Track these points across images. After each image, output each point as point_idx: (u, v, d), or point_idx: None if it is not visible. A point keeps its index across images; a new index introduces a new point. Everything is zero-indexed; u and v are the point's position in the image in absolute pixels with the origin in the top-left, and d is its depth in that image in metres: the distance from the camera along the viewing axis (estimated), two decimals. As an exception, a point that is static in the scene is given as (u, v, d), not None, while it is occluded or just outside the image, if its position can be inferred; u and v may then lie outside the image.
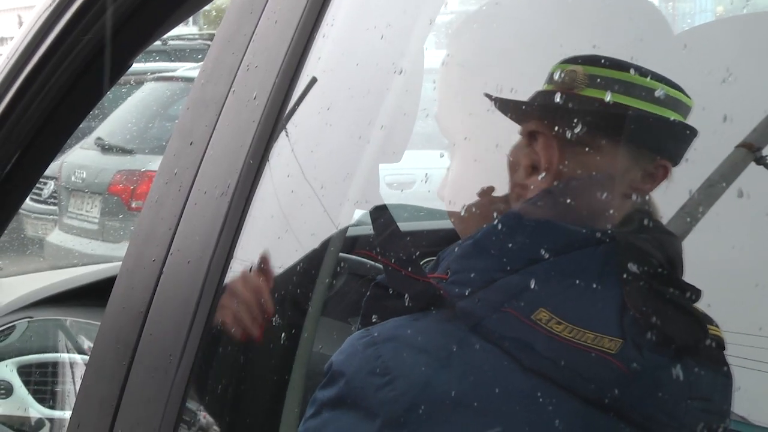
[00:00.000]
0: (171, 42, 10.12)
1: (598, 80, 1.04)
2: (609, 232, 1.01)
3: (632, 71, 1.03)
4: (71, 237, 7.03)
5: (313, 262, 1.19)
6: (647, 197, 1.06)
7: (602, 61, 1.05)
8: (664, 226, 1.04)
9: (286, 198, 1.16)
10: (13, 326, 2.22)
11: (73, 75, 1.75)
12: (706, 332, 0.98)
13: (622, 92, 1.03)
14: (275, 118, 1.09)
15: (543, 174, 1.05)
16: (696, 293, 0.99)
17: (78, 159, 7.27)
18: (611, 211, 1.03)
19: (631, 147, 1.04)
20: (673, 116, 1.04)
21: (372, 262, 1.38)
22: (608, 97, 1.04)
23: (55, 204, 7.52)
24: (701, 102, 1.03)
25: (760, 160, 1.01)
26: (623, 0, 1.13)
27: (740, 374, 0.97)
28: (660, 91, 1.03)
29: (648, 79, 1.03)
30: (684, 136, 1.05)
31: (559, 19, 1.11)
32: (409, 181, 2.43)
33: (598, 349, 0.95)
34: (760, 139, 1.00)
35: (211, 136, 1.14)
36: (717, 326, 0.98)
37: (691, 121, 1.03)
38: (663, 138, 1.06)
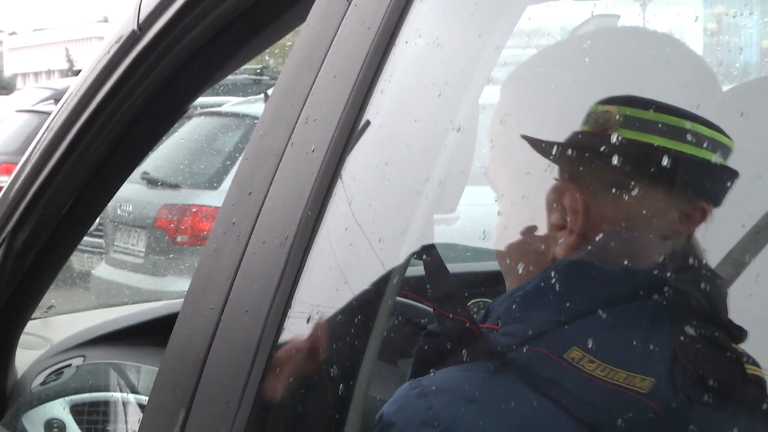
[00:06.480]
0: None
1: (633, 121, 1.03)
2: (655, 281, 1.01)
3: (668, 112, 1.03)
4: (117, 271, 7.08)
5: (369, 312, 1.21)
6: (690, 237, 1.05)
7: (637, 102, 1.04)
8: (709, 265, 1.03)
9: (343, 250, 1.17)
10: (67, 365, 2.26)
11: (131, 119, 1.77)
12: (747, 374, 0.97)
13: (657, 133, 1.02)
14: (333, 171, 1.11)
15: (581, 217, 1.05)
16: (741, 333, 0.99)
17: (124, 193, 7.28)
18: (654, 258, 1.03)
19: (669, 189, 1.03)
20: (711, 157, 1.02)
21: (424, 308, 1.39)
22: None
23: (101, 237, 7.59)
24: (745, 146, 1.03)
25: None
26: (678, 56, 1.14)
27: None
28: (696, 131, 1.02)
29: (684, 120, 1.02)
30: (723, 177, 1.04)
31: (612, 76, 1.11)
32: (453, 217, 2.41)
33: (629, 388, 0.95)
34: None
35: (269, 187, 1.16)
36: (759, 366, 0.97)
37: (734, 165, 1.02)
38: (700, 180, 1.05)
